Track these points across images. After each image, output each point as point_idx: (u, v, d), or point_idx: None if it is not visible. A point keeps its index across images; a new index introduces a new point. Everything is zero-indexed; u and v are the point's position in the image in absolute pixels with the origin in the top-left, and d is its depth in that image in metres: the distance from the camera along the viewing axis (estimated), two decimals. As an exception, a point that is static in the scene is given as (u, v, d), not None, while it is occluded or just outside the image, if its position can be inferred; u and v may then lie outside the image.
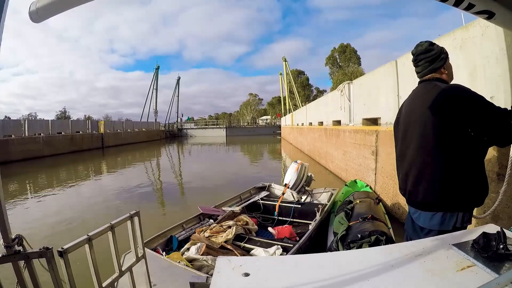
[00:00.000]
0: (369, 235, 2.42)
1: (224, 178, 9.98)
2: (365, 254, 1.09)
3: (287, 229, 3.55)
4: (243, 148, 24.11)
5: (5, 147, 15.01)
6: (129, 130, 32.11)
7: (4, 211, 0.97)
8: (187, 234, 3.16)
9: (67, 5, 0.99)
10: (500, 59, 2.30)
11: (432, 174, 1.56)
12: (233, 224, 3.29)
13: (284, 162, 13.97)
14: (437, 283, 0.83)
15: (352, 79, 9.77)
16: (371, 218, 2.82)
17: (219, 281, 0.88)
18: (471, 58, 2.71)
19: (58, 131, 20.58)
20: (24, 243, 1.04)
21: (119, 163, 15.82)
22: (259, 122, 59.85)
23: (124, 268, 1.24)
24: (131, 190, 8.18)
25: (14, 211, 6.11)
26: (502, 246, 0.90)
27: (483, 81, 2.55)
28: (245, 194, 4.78)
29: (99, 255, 1.13)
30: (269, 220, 4.17)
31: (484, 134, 1.45)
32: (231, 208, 3.90)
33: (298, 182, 4.60)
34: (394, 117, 4.98)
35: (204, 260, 2.42)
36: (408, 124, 1.72)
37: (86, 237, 1.10)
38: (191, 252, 2.61)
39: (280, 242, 3.03)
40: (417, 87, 1.74)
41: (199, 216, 3.62)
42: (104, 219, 4.06)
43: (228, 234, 3.03)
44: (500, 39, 2.27)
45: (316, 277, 0.89)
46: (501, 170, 2.28)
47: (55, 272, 1.04)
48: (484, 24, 2.42)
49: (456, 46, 2.86)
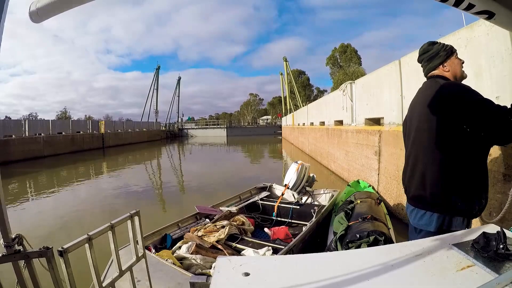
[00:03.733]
0: (367, 235, 2.42)
1: (224, 179, 9.97)
2: (365, 254, 1.08)
3: (283, 230, 3.54)
4: (244, 148, 24.11)
5: (6, 147, 15.03)
6: (130, 130, 32.13)
7: (4, 211, 0.97)
8: (182, 233, 3.16)
9: (67, 5, 0.99)
10: (506, 58, 2.28)
11: (423, 171, 1.58)
12: (227, 224, 3.30)
13: (285, 162, 13.97)
14: (437, 283, 0.83)
15: (353, 79, 9.75)
16: (371, 218, 2.80)
17: (219, 281, 0.88)
18: (476, 57, 2.68)
19: (58, 131, 20.61)
20: (24, 243, 1.04)
21: (119, 163, 15.84)
22: (260, 122, 59.86)
23: (124, 268, 1.24)
24: (131, 190, 8.19)
25: (15, 210, 6.12)
26: (502, 246, 0.90)
27: (489, 81, 2.52)
28: (245, 194, 4.75)
29: (100, 254, 1.13)
30: (267, 220, 4.15)
31: (481, 130, 1.44)
32: (228, 208, 3.88)
33: (298, 182, 4.56)
34: (397, 117, 4.98)
35: (193, 259, 2.44)
36: (411, 121, 1.77)
37: (86, 236, 1.10)
38: (182, 250, 2.63)
39: (272, 243, 3.02)
40: (422, 85, 1.78)
41: (195, 215, 3.62)
42: (104, 218, 4.06)
43: (220, 234, 3.04)
44: (506, 38, 2.25)
45: (316, 276, 0.89)
46: (507, 171, 2.23)
47: (55, 271, 1.04)
48: (489, 23, 2.40)
49: (460, 45, 2.83)
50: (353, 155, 7.03)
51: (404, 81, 4.59)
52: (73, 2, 1.00)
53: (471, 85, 1.53)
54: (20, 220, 5.43)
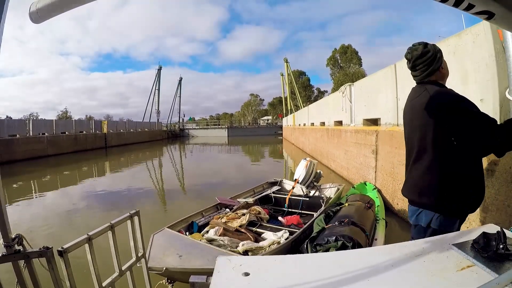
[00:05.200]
0: (335, 240, 2.43)
1: (227, 180, 9.97)
2: (365, 254, 1.08)
3: (295, 218, 4.01)
4: (246, 149, 24.08)
5: (10, 146, 15.10)
6: (132, 130, 32.20)
7: (4, 211, 0.97)
8: (206, 221, 3.65)
9: (67, 5, 1.00)
10: (490, 65, 2.46)
11: (419, 171, 1.63)
12: (247, 212, 3.77)
13: (285, 162, 13.95)
14: (437, 283, 0.83)
15: (354, 80, 9.83)
16: (349, 222, 2.76)
17: (219, 281, 0.88)
18: (463, 63, 2.90)
19: (62, 131, 20.68)
20: (24, 243, 1.04)
21: (122, 163, 15.90)
22: (260, 123, 59.83)
23: (124, 267, 1.24)
24: (133, 189, 8.20)
25: (18, 209, 6.15)
26: (502, 246, 0.90)
27: (474, 85, 2.71)
28: (258, 188, 5.23)
29: (100, 255, 1.13)
30: (279, 211, 4.59)
31: (471, 142, 1.46)
32: (245, 200, 4.40)
33: (307, 177, 4.95)
34: (393, 117, 5.13)
35: (221, 240, 2.83)
36: (404, 125, 1.82)
37: (86, 236, 1.10)
38: (210, 234, 3.03)
39: (288, 228, 3.47)
40: (412, 89, 1.76)
41: (216, 205, 4.12)
42: (104, 218, 4.03)
43: (242, 220, 3.47)
44: (489, 46, 2.43)
45: (316, 276, 0.89)
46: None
47: (55, 271, 1.04)
48: (475, 32, 2.63)
49: (449, 51, 3.04)
50: (352, 154, 7.23)
51: (399, 84, 4.84)
52: (73, 3, 1.00)
53: (458, 89, 1.59)
54: (22, 219, 5.43)
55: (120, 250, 1.26)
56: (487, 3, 0.77)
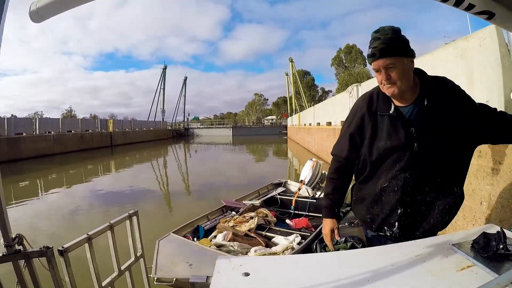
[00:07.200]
0: (345, 241, 2.48)
1: (231, 180, 9.99)
2: (365, 254, 1.08)
3: (303, 221, 3.85)
4: (251, 148, 24.12)
5: (17, 144, 15.33)
6: (137, 129, 32.41)
7: (5, 211, 0.97)
8: (212, 224, 3.48)
9: (68, 5, 1.00)
10: (495, 67, 2.54)
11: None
12: (255, 215, 3.62)
13: (290, 162, 13.92)
14: (437, 283, 0.83)
15: (358, 79, 9.83)
16: (358, 223, 2.83)
17: (219, 281, 0.88)
18: (469, 65, 2.99)
19: (68, 130, 20.93)
20: (24, 242, 1.04)
21: (127, 162, 16.03)
22: (265, 122, 59.77)
23: (123, 267, 1.24)
24: (136, 188, 8.27)
25: (21, 209, 6.23)
26: (502, 246, 0.90)
27: (480, 86, 2.79)
28: (263, 189, 5.10)
29: (100, 254, 1.14)
30: (285, 213, 4.44)
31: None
32: (251, 202, 4.24)
33: (313, 179, 4.88)
34: None
35: (230, 246, 2.71)
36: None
37: (85, 236, 1.11)
38: (218, 239, 2.91)
39: (298, 231, 3.31)
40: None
41: (222, 208, 3.97)
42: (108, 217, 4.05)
43: (251, 224, 3.34)
44: (495, 50, 2.51)
45: (316, 276, 0.89)
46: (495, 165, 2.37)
47: (55, 271, 1.04)
48: (482, 36, 2.73)
49: (457, 55, 3.16)
50: (358, 153, 7.17)
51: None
52: (73, 2, 1.00)
53: (464, 89, 1.55)
54: (26, 218, 5.51)
55: (120, 250, 1.26)
56: (487, 3, 0.76)
